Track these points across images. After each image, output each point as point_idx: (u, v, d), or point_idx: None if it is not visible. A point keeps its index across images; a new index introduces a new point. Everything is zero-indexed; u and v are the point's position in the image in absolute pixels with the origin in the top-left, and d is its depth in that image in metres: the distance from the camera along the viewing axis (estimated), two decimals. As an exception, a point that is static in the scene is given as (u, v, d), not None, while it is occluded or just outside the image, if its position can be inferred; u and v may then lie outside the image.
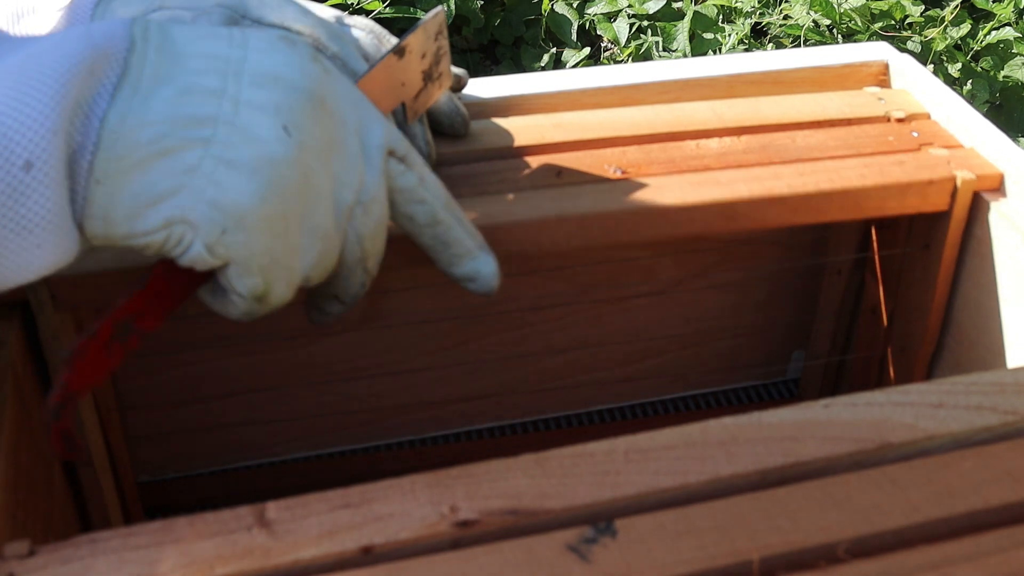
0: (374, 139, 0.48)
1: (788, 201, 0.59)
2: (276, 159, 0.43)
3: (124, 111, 0.41)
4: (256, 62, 0.44)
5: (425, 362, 0.73)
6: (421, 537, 0.38)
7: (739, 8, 1.71)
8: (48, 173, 0.39)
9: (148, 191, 0.42)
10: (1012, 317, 0.60)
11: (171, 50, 0.43)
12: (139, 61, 0.42)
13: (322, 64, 0.47)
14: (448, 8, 1.66)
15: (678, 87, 0.68)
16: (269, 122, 0.43)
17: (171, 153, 0.42)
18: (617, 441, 0.42)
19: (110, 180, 0.41)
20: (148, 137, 0.41)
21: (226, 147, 0.42)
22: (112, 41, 0.42)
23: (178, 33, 0.44)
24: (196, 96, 0.42)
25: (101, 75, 0.41)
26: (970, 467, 0.41)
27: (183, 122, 0.42)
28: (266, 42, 0.45)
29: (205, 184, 0.42)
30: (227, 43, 0.44)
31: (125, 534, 0.38)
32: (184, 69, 0.42)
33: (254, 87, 0.43)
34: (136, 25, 0.43)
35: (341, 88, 0.47)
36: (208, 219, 0.42)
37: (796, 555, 0.38)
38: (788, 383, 0.82)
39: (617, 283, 0.73)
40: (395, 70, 0.54)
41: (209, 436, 0.73)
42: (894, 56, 0.71)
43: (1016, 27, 1.67)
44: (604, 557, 0.37)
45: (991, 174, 0.61)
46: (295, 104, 0.44)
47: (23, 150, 0.39)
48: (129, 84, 0.41)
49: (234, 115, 0.43)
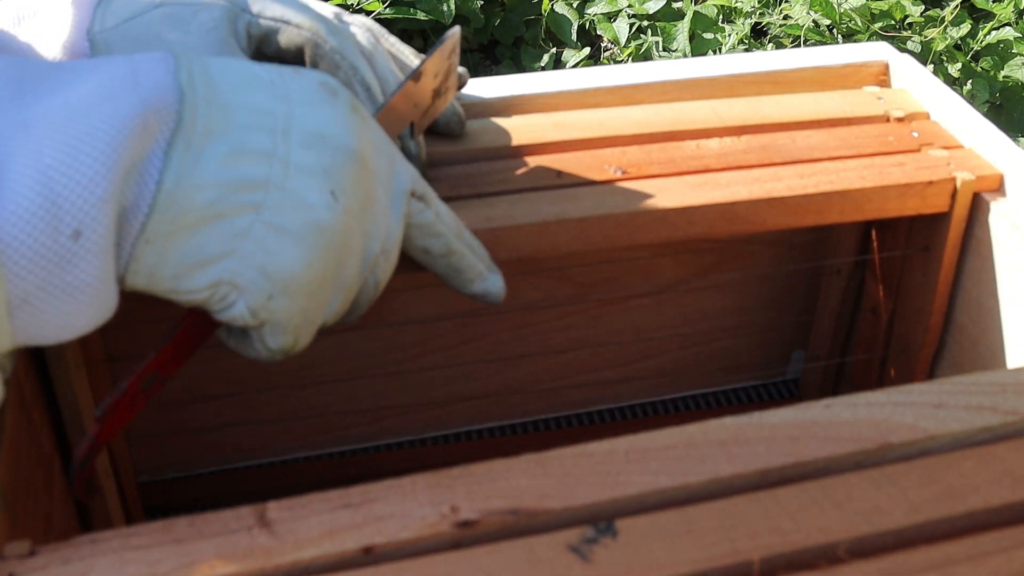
0: (400, 185, 0.48)
1: (788, 203, 0.59)
2: (323, 225, 0.43)
3: (179, 172, 0.40)
4: (302, 118, 0.43)
5: (425, 362, 0.73)
6: (422, 537, 0.38)
7: (739, 8, 1.71)
8: (97, 242, 0.38)
9: (198, 253, 0.41)
10: (1013, 317, 0.60)
11: (219, 101, 0.42)
12: (190, 115, 0.41)
13: (360, 113, 0.46)
14: (448, 8, 1.66)
15: (678, 87, 0.68)
16: (318, 186, 0.43)
17: (223, 217, 0.41)
18: (617, 441, 0.42)
19: (161, 241, 0.41)
20: (203, 201, 0.41)
21: (276, 212, 0.42)
22: (162, 94, 0.40)
23: (220, 78, 0.43)
24: (248, 157, 0.42)
25: (155, 132, 0.40)
26: (971, 467, 0.41)
27: (236, 186, 0.41)
28: (309, 94, 0.44)
29: (255, 249, 0.42)
30: (270, 94, 0.43)
31: (125, 534, 0.38)
32: (233, 124, 0.42)
33: (303, 148, 0.43)
34: (181, 71, 0.41)
35: (374, 137, 0.47)
36: (255, 285, 0.43)
37: (797, 555, 0.38)
38: (788, 383, 0.82)
39: (617, 283, 0.73)
40: (411, 94, 0.54)
41: (209, 436, 0.73)
42: (894, 56, 0.71)
43: (1016, 27, 1.67)
44: (605, 557, 0.37)
45: (991, 175, 0.61)
46: (342, 167, 0.44)
47: (72, 219, 0.37)
48: (182, 140, 0.40)
49: (284, 179, 0.42)
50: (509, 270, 0.54)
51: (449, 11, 1.66)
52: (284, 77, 0.45)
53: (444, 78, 0.56)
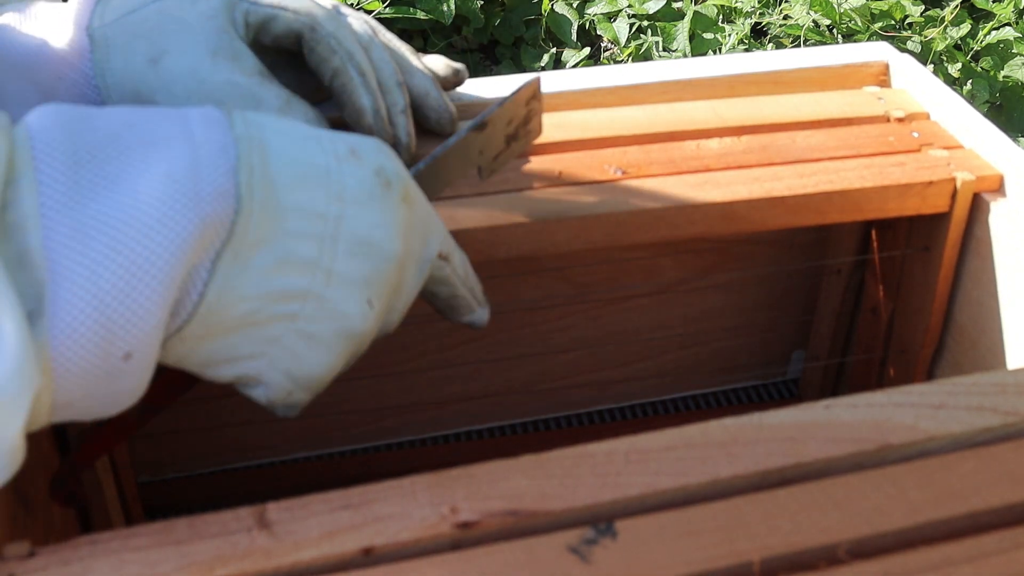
0: (429, 254, 0.48)
1: (788, 202, 0.59)
2: (355, 333, 0.44)
3: (223, 285, 0.40)
4: (353, 220, 0.43)
5: (425, 362, 0.73)
6: (421, 538, 0.38)
7: (739, 8, 1.71)
8: (145, 359, 0.38)
9: (228, 352, 0.42)
10: (1013, 317, 0.60)
11: (273, 204, 0.41)
12: (243, 226, 0.40)
13: (410, 200, 0.45)
14: (448, 8, 1.66)
15: (678, 87, 0.68)
16: (357, 297, 0.43)
17: (258, 325, 0.42)
18: (618, 442, 0.42)
19: (193, 341, 0.41)
20: (242, 312, 0.41)
21: (310, 321, 0.43)
22: (221, 207, 0.39)
23: (279, 172, 0.41)
24: (292, 267, 0.41)
25: (208, 247, 0.39)
26: (971, 468, 0.41)
27: (276, 297, 0.41)
28: (364, 189, 0.43)
29: (283, 354, 0.43)
30: (325, 191, 0.42)
31: (125, 535, 0.38)
32: (283, 231, 0.41)
33: (348, 256, 0.43)
34: (242, 169, 0.40)
35: (418, 217, 0.47)
36: (279, 383, 0.44)
37: (797, 556, 0.38)
38: (788, 383, 0.82)
39: (617, 283, 0.73)
40: (473, 143, 0.53)
41: (209, 436, 0.73)
42: (894, 56, 0.71)
43: (1016, 27, 1.67)
44: (605, 558, 0.37)
45: (991, 175, 0.61)
46: (383, 275, 0.44)
47: (125, 343, 0.37)
48: (231, 251, 0.40)
49: (325, 288, 0.42)
50: (509, 269, 0.54)
51: (449, 11, 1.65)
52: (342, 165, 0.43)
53: (521, 123, 0.55)
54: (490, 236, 0.56)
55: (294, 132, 0.43)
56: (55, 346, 0.36)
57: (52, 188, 0.36)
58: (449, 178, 0.53)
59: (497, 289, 0.70)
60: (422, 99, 0.60)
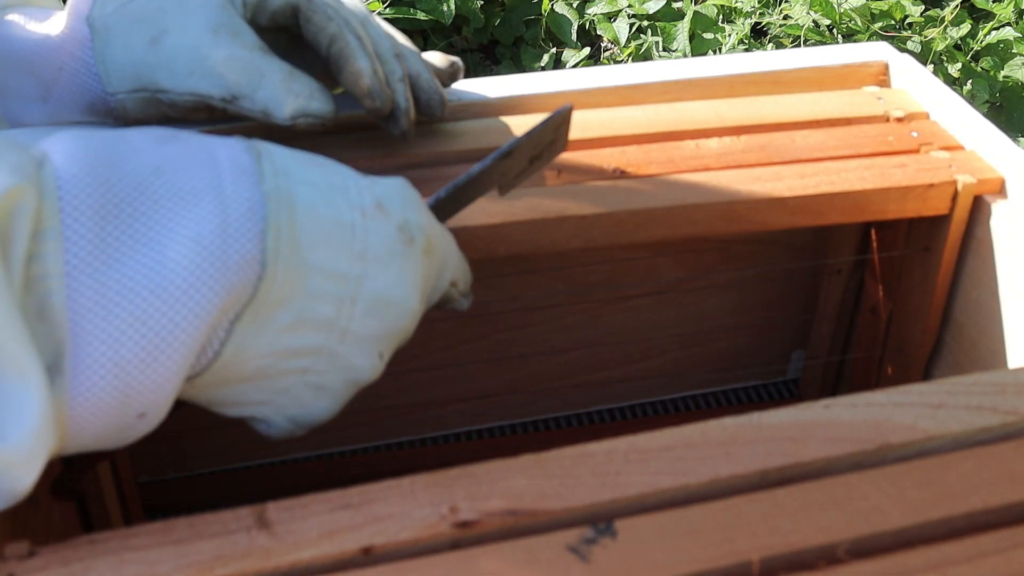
0: (442, 285, 0.48)
1: (788, 203, 0.59)
2: (362, 382, 0.44)
3: (240, 343, 0.40)
4: (374, 280, 0.42)
5: (425, 362, 0.73)
6: (421, 538, 0.38)
7: (739, 8, 1.71)
8: (158, 415, 0.39)
9: (236, 398, 0.42)
10: (1013, 317, 0.60)
11: (297, 263, 0.40)
12: (266, 287, 0.39)
13: (431, 251, 0.45)
14: (448, 8, 1.66)
15: (678, 87, 0.68)
16: (369, 351, 0.44)
17: (270, 379, 0.42)
18: (617, 441, 0.42)
19: (205, 388, 0.41)
20: (255, 367, 0.41)
21: (321, 375, 0.43)
22: (247, 273, 0.38)
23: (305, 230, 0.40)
24: (309, 327, 0.41)
25: (231, 311, 0.39)
26: (970, 468, 0.41)
27: (290, 354, 0.42)
28: (387, 247, 0.43)
29: (290, 403, 0.43)
30: (348, 251, 0.42)
31: (125, 535, 0.38)
32: (304, 291, 0.41)
33: (366, 316, 0.43)
34: (270, 232, 0.39)
35: (436, 265, 0.47)
36: (281, 427, 0.44)
37: (796, 556, 0.38)
38: (788, 383, 0.82)
39: (617, 283, 0.73)
40: (496, 168, 0.52)
41: (209, 436, 0.73)
42: (894, 56, 0.71)
43: (1016, 27, 1.67)
44: (604, 558, 0.37)
45: (992, 178, 0.60)
46: (397, 331, 0.44)
47: (141, 406, 0.38)
48: (251, 313, 0.40)
49: (339, 344, 0.43)
50: (509, 268, 0.54)
51: (449, 11, 1.66)
52: (367, 221, 0.43)
53: (547, 145, 0.54)
54: (490, 234, 0.56)
55: (322, 182, 0.42)
56: (73, 406, 0.36)
57: (78, 245, 0.36)
58: (469, 200, 0.53)
59: (497, 289, 0.70)
60: (414, 79, 0.59)
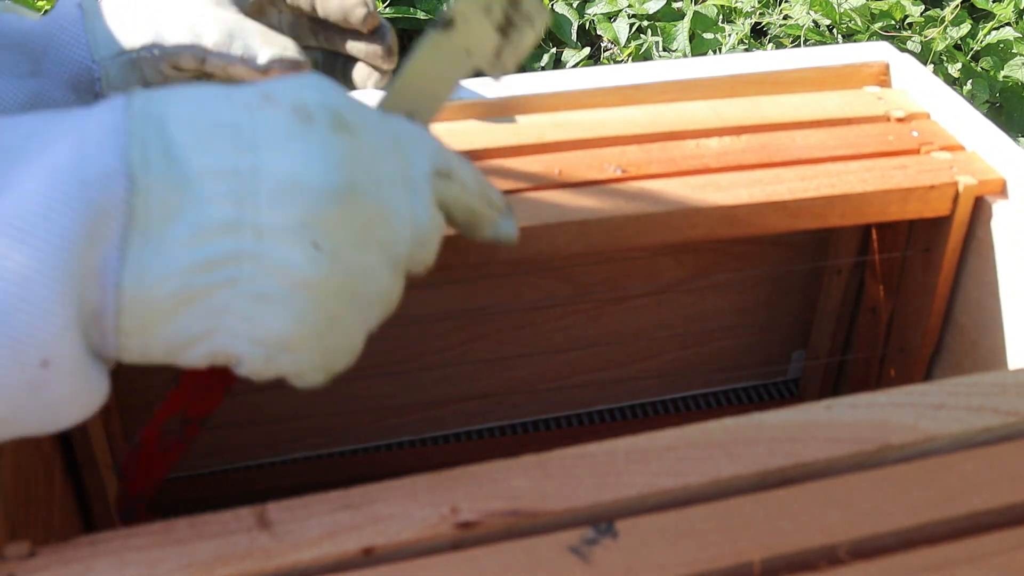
0: (419, 171, 0.45)
1: (789, 206, 0.59)
2: (310, 281, 0.40)
3: (139, 270, 0.37)
4: (271, 167, 0.39)
5: (425, 362, 0.73)
6: (422, 538, 0.38)
7: (739, 8, 1.71)
8: (66, 363, 0.37)
9: (181, 335, 0.39)
10: (1013, 318, 0.60)
11: (176, 174, 0.38)
12: (144, 203, 0.37)
13: (347, 126, 0.42)
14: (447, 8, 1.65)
15: (678, 87, 0.68)
16: (297, 243, 0.40)
17: (197, 300, 0.39)
18: (618, 442, 0.42)
19: (139, 332, 0.39)
20: (169, 291, 0.38)
21: (254, 282, 0.39)
22: (109, 189, 0.37)
23: (179, 136, 0.39)
24: (211, 234, 0.38)
25: (107, 233, 0.37)
26: (971, 468, 0.41)
27: (203, 267, 0.39)
28: (280, 130, 0.40)
29: (238, 322, 0.40)
30: (234, 145, 0.39)
31: (125, 535, 0.38)
32: (193, 198, 0.38)
33: (273, 205, 0.39)
34: (134, 146, 0.37)
35: (371, 143, 0.43)
36: (249, 352, 0.41)
37: (797, 556, 0.38)
38: (788, 383, 0.82)
39: (617, 283, 0.73)
40: (446, 45, 0.47)
41: (209, 436, 0.73)
42: (894, 56, 0.71)
43: (1016, 27, 1.67)
44: (605, 558, 0.37)
45: (993, 179, 0.60)
46: (322, 213, 0.40)
47: (36, 351, 0.36)
48: (138, 232, 0.37)
49: (257, 245, 0.39)
50: (509, 269, 0.54)
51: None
52: (253, 114, 0.40)
53: (510, 6, 0.48)
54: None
55: (204, 93, 0.41)
56: None
57: None
58: (437, 92, 0.48)
59: (497, 289, 0.70)
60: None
